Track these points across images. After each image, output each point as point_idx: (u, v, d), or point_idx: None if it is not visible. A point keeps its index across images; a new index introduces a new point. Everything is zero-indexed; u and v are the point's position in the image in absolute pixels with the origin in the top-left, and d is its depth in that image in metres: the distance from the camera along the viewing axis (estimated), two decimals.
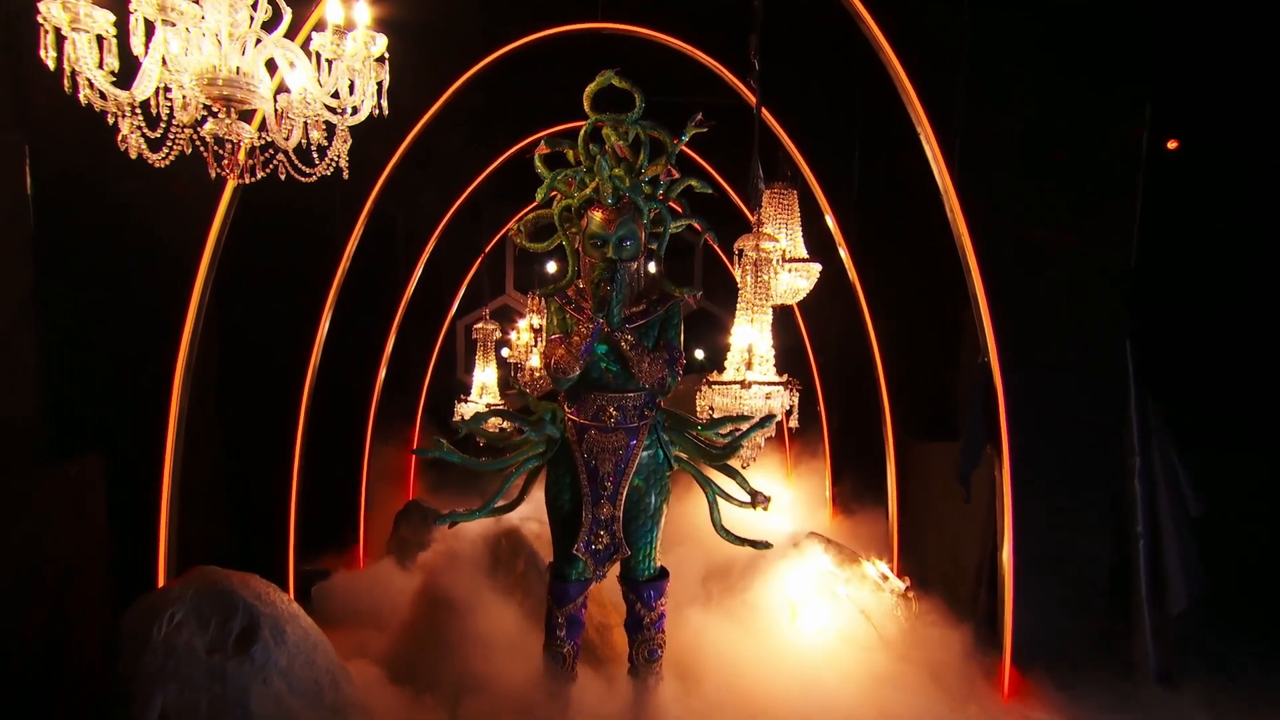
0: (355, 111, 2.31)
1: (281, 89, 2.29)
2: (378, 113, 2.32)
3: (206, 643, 3.26)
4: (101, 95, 2.09)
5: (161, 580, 3.71)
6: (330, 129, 2.35)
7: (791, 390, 3.96)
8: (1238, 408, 4.89)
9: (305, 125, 2.31)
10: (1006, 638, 4.33)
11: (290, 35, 2.30)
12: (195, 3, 2.09)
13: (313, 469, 5.63)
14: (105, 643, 3.25)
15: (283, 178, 2.40)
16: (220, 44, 2.15)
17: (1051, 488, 4.39)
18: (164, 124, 2.23)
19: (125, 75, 2.13)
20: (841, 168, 5.66)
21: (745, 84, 4.88)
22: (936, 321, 5.41)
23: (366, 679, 3.95)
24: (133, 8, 2.09)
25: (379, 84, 2.30)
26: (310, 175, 2.41)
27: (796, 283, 4.89)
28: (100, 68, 2.09)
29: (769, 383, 3.91)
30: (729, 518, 3.84)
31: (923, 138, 4.18)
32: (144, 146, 2.24)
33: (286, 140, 2.33)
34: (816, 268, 4.86)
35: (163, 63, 2.13)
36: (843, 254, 5.61)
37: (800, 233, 4.91)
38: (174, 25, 2.11)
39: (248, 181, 2.39)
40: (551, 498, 3.74)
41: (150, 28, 2.11)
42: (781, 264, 4.69)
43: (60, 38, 2.02)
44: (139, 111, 2.20)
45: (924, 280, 5.38)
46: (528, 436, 3.62)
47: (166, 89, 2.19)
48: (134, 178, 2.30)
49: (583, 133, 3.52)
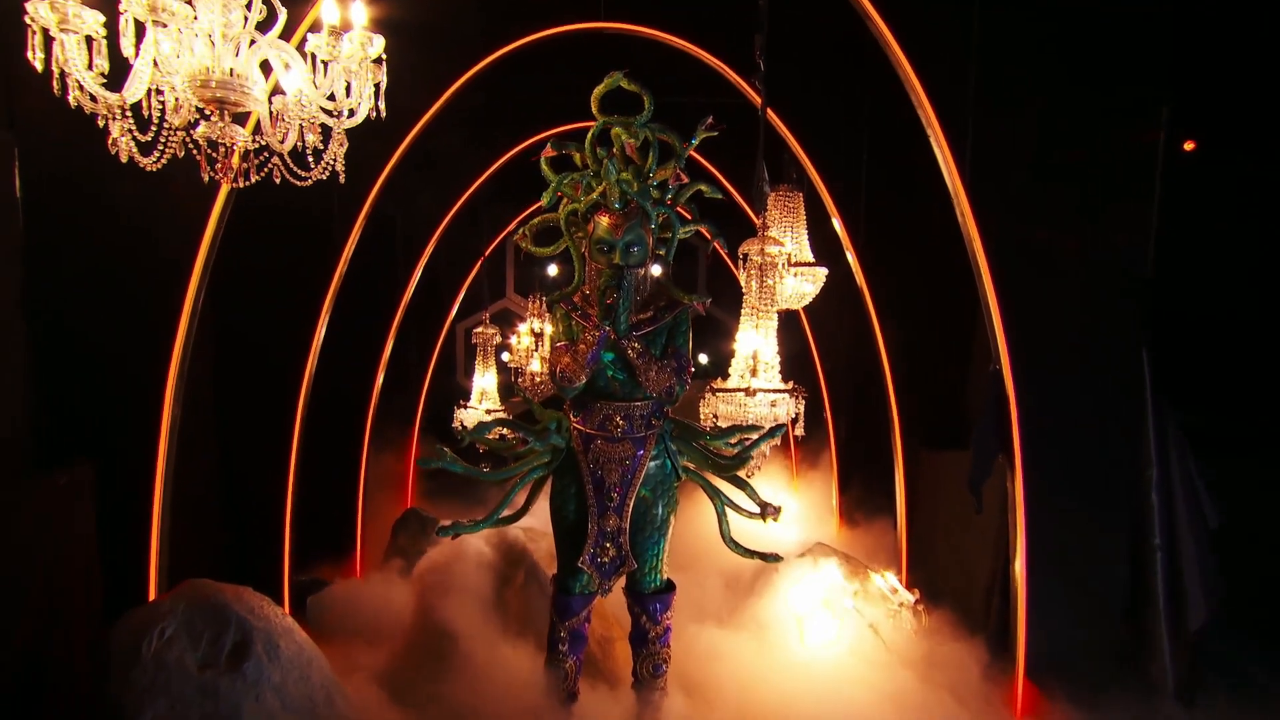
0: (352, 114, 2.29)
1: (276, 91, 2.25)
2: (375, 115, 2.30)
3: (198, 658, 3.22)
4: (92, 98, 2.06)
5: (152, 593, 3.66)
6: (326, 132, 2.32)
7: (797, 398, 3.91)
8: (1258, 416, 4.84)
9: (301, 128, 2.28)
10: (1019, 652, 4.28)
11: (286, 36, 2.27)
12: (187, 3, 2.05)
13: (309, 476, 5.58)
14: (94, 658, 3.21)
15: (278, 181, 2.37)
16: (213, 45, 2.11)
17: (1065, 499, 4.35)
18: (155, 127, 2.20)
19: (116, 77, 2.09)
20: (848, 170, 5.64)
21: (750, 84, 4.85)
22: (946, 327, 5.36)
23: (362, 696, 3.90)
24: (123, 8, 2.06)
25: (376, 86, 2.27)
26: (306, 179, 2.39)
27: (802, 287, 4.84)
28: (90, 69, 2.05)
29: (774, 390, 3.87)
30: (737, 530, 3.79)
31: (932, 139, 4.14)
32: (134, 150, 2.21)
33: (282, 143, 2.30)
34: (823, 272, 4.81)
35: (154, 64, 2.10)
36: (850, 258, 5.57)
37: (806, 236, 4.87)
38: (165, 26, 2.08)
39: (241, 185, 2.35)
40: (556, 509, 3.70)
41: (141, 29, 2.08)
42: (787, 268, 4.66)
43: (49, 39, 1.99)
44: (129, 114, 2.17)
45: (934, 285, 5.35)
46: (532, 446, 3.58)
47: (159, 91, 2.16)
48: (126, 180, 2.27)
49: (590, 135, 3.49)
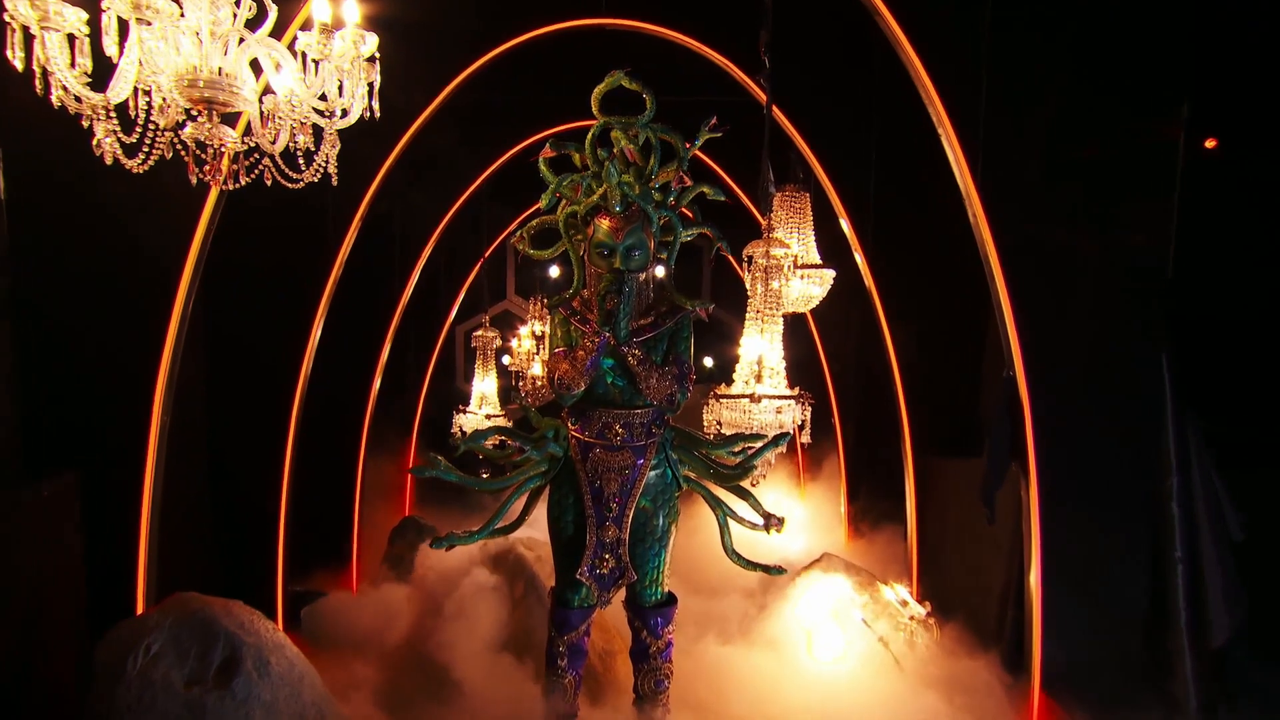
0: (345, 114, 2.26)
1: (267, 90, 2.22)
2: (369, 115, 2.27)
3: (185, 675, 3.18)
4: (76, 98, 2.03)
5: (140, 607, 3.63)
6: (319, 132, 2.29)
7: (804, 404, 3.87)
8: None
9: (292, 129, 2.25)
10: (1035, 667, 4.22)
11: (278, 34, 2.24)
12: (174, 0, 2.02)
13: (304, 484, 5.56)
14: (77, 675, 3.17)
15: (269, 183, 2.34)
16: (201, 43, 2.09)
17: (1082, 509, 4.29)
18: (140, 128, 2.17)
19: (104, 75, 2.06)
20: (856, 169, 5.59)
21: (755, 82, 4.82)
22: (958, 330, 5.31)
23: (356, 713, 3.86)
24: (105, 5, 2.04)
25: (370, 85, 2.24)
26: (298, 181, 2.36)
27: (809, 289, 4.83)
28: (73, 68, 2.02)
29: (780, 396, 3.84)
30: (740, 540, 3.75)
31: (943, 137, 4.09)
32: (119, 151, 2.18)
33: (273, 144, 2.27)
34: (830, 274, 4.79)
35: (140, 63, 2.07)
36: (858, 259, 5.53)
37: (813, 237, 4.85)
38: (150, 24, 2.05)
39: (231, 188, 2.33)
40: (554, 519, 3.66)
41: (125, 27, 2.05)
42: (793, 270, 4.63)
43: (29, 36, 1.96)
44: (114, 115, 2.14)
45: (944, 287, 5.29)
46: (529, 455, 3.54)
47: (146, 91, 2.13)
48: (114, 180, 2.25)
49: (590, 135, 3.46)
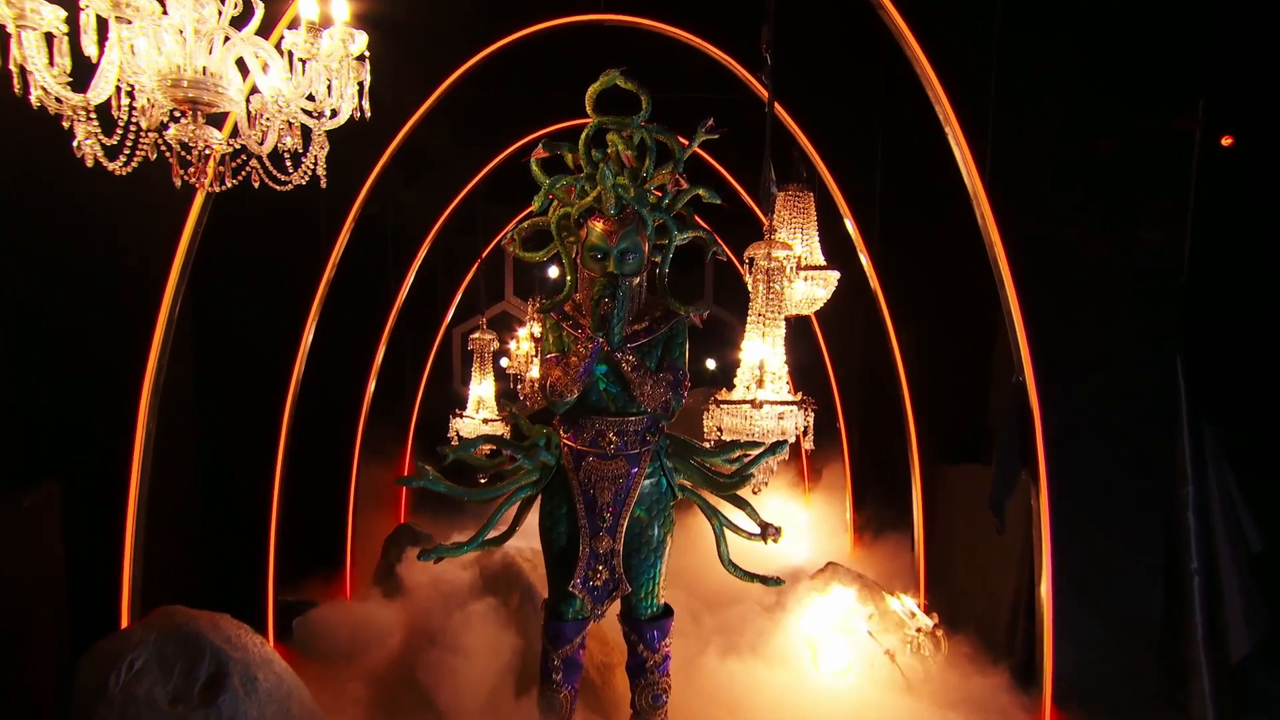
0: (335, 114, 2.25)
1: (255, 90, 2.21)
2: (359, 115, 2.25)
3: (169, 692, 3.16)
4: (57, 99, 2.02)
5: (125, 620, 3.62)
6: (307, 133, 2.28)
7: (806, 410, 3.84)
8: None
9: (280, 130, 2.24)
10: (1046, 681, 4.19)
11: (265, 32, 2.22)
12: None
13: (296, 491, 5.54)
14: (58, 692, 3.16)
15: (256, 185, 2.33)
16: (185, 42, 2.07)
17: (1094, 518, 4.25)
18: (121, 129, 2.16)
19: (88, 75, 2.03)
20: (861, 167, 5.56)
21: (757, 79, 4.79)
22: (966, 334, 5.28)
23: None
24: (83, 3, 2.02)
25: (360, 84, 2.23)
26: (286, 184, 2.35)
27: (814, 291, 4.80)
28: (52, 67, 2.01)
29: (782, 402, 3.80)
30: (739, 550, 3.71)
31: (950, 136, 4.05)
32: (100, 153, 2.16)
33: (260, 145, 2.26)
34: (835, 275, 4.76)
35: (121, 64, 2.05)
36: (863, 260, 5.50)
37: (817, 238, 4.82)
38: (129, 23, 2.03)
39: (218, 190, 2.32)
40: (546, 530, 3.63)
41: (106, 26, 2.03)
42: (796, 272, 4.60)
43: (5, 35, 1.95)
44: (94, 116, 2.13)
45: (952, 289, 5.26)
46: (520, 464, 3.51)
47: (130, 91, 2.12)
48: (97, 180, 2.25)
49: (584, 136, 3.43)
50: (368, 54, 2.18)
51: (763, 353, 3.94)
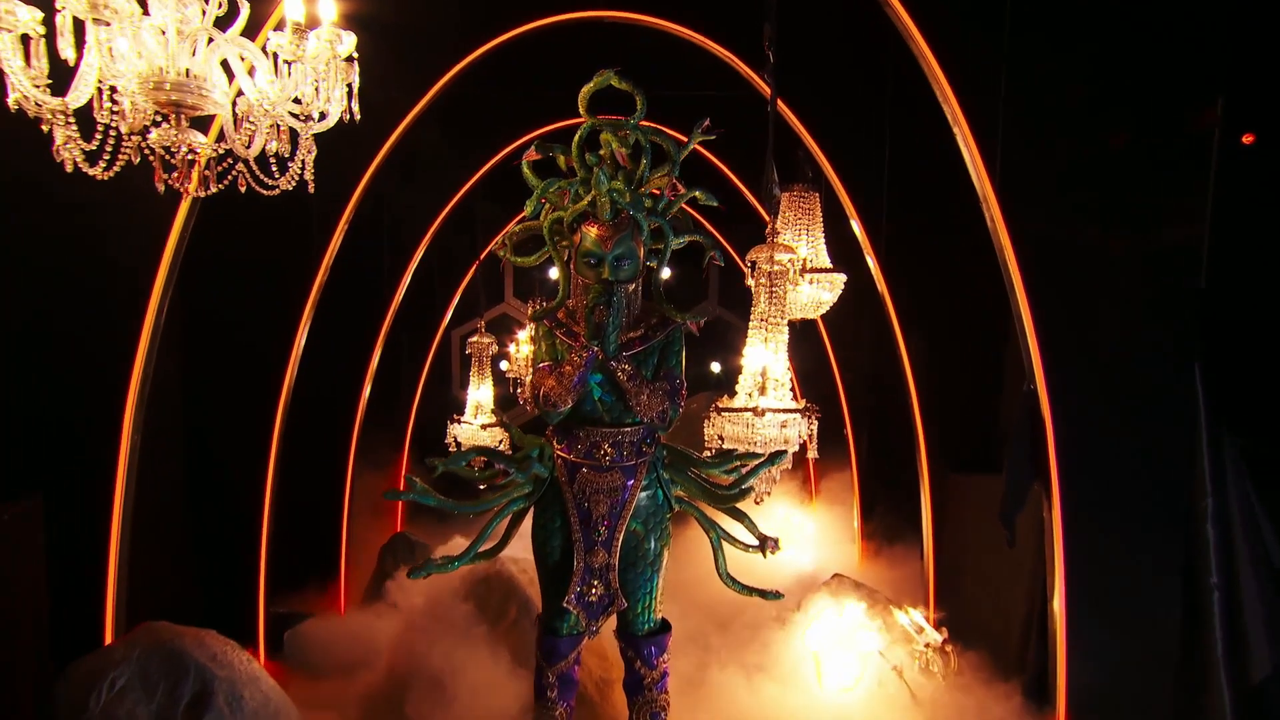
0: (324, 117, 2.23)
1: (242, 92, 2.19)
2: (349, 117, 2.23)
3: (152, 711, 3.15)
4: (37, 102, 2.01)
5: (108, 636, 3.61)
6: (296, 136, 2.26)
7: (810, 418, 3.81)
8: None
9: (268, 132, 2.22)
10: (1060, 700, 4.15)
11: (252, 33, 2.21)
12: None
13: (288, 499, 5.54)
14: (37, 712, 3.14)
15: (243, 190, 2.32)
16: (167, 43, 2.06)
17: (1110, 531, 4.21)
18: (101, 133, 2.15)
19: (69, 76, 2.02)
20: (868, 168, 5.52)
21: (760, 76, 4.75)
22: (976, 339, 5.23)
23: None
24: (59, 5, 2.01)
25: (349, 86, 2.21)
26: (273, 188, 2.33)
27: (819, 295, 4.78)
28: (30, 69, 2.00)
29: (784, 410, 3.78)
30: (739, 564, 3.67)
31: (958, 136, 4.01)
32: (79, 158, 2.16)
33: (247, 149, 2.24)
34: (841, 278, 4.73)
35: (101, 66, 2.04)
36: (870, 263, 5.47)
37: (823, 240, 4.79)
38: (107, 24, 2.02)
39: (203, 195, 2.31)
40: (539, 544, 3.60)
41: (84, 28, 2.02)
42: (802, 275, 4.57)
43: None
44: (73, 121, 2.12)
45: (962, 292, 5.22)
46: (513, 477, 3.48)
47: (113, 92, 2.10)
48: (82, 183, 2.24)
49: (577, 138, 3.39)
50: (356, 55, 2.17)
51: (765, 359, 3.91)
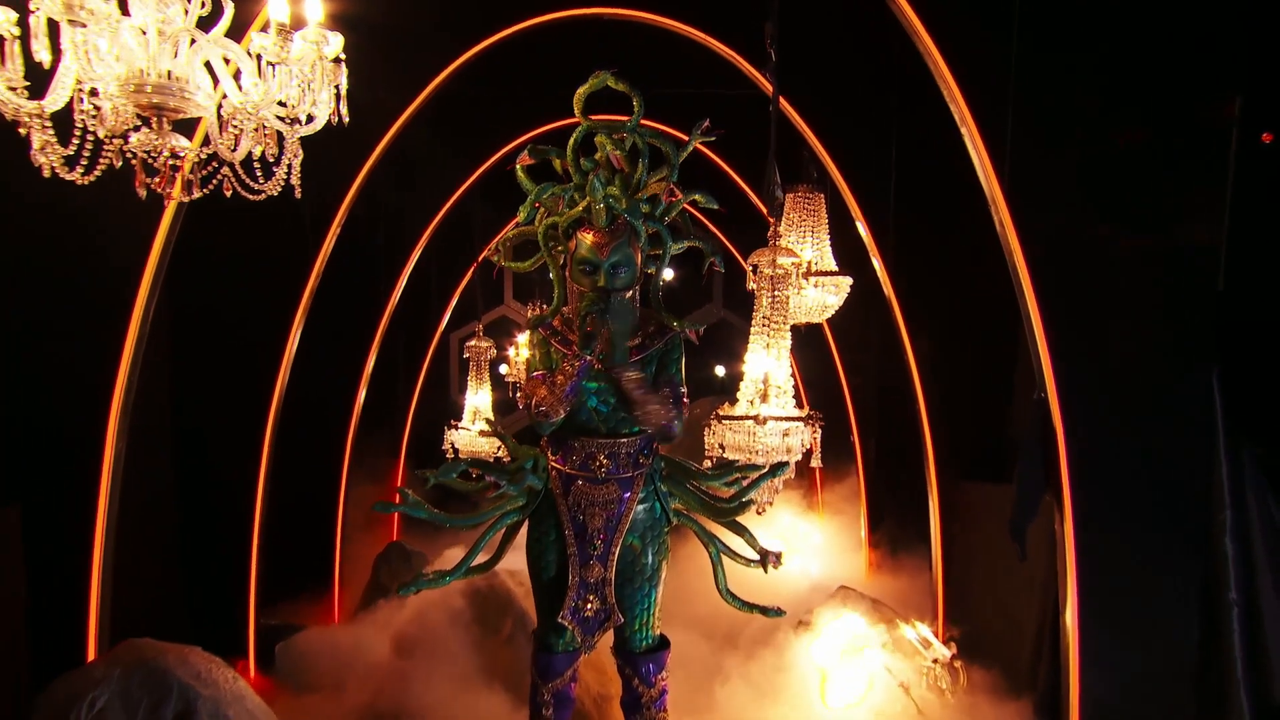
0: (311, 120, 2.20)
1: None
2: (337, 120, 2.21)
3: None
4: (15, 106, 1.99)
5: (91, 652, 3.58)
6: (284, 139, 2.24)
7: (813, 426, 3.77)
8: None
9: (254, 135, 2.20)
10: (1072, 718, 4.09)
11: (238, 34, 2.18)
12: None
13: (280, 507, 5.51)
14: None
15: (229, 194, 2.30)
16: (148, 44, 2.03)
17: (1124, 544, 4.16)
18: (78, 137, 2.13)
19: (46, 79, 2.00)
20: (874, 168, 5.49)
21: (762, 74, 4.72)
22: (986, 343, 5.19)
23: None
24: (34, 6, 1.98)
25: (336, 88, 2.18)
26: (259, 193, 2.31)
27: (825, 298, 4.75)
28: (4, 70, 1.98)
29: (787, 418, 3.74)
30: (743, 578, 3.63)
31: (966, 135, 3.96)
32: (56, 163, 2.13)
33: (233, 152, 2.22)
34: (847, 281, 4.70)
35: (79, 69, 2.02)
36: (877, 265, 5.44)
37: (829, 242, 4.76)
38: (83, 26, 2.00)
39: (187, 200, 2.28)
40: (533, 558, 3.56)
41: (57, 29, 2.00)
42: (807, 278, 4.54)
43: None
44: (49, 125, 2.09)
45: (971, 296, 5.18)
46: (505, 490, 3.44)
47: (94, 95, 2.08)
48: (64, 184, 2.22)
49: (572, 141, 3.35)
50: (344, 57, 2.14)
51: (767, 365, 3.87)
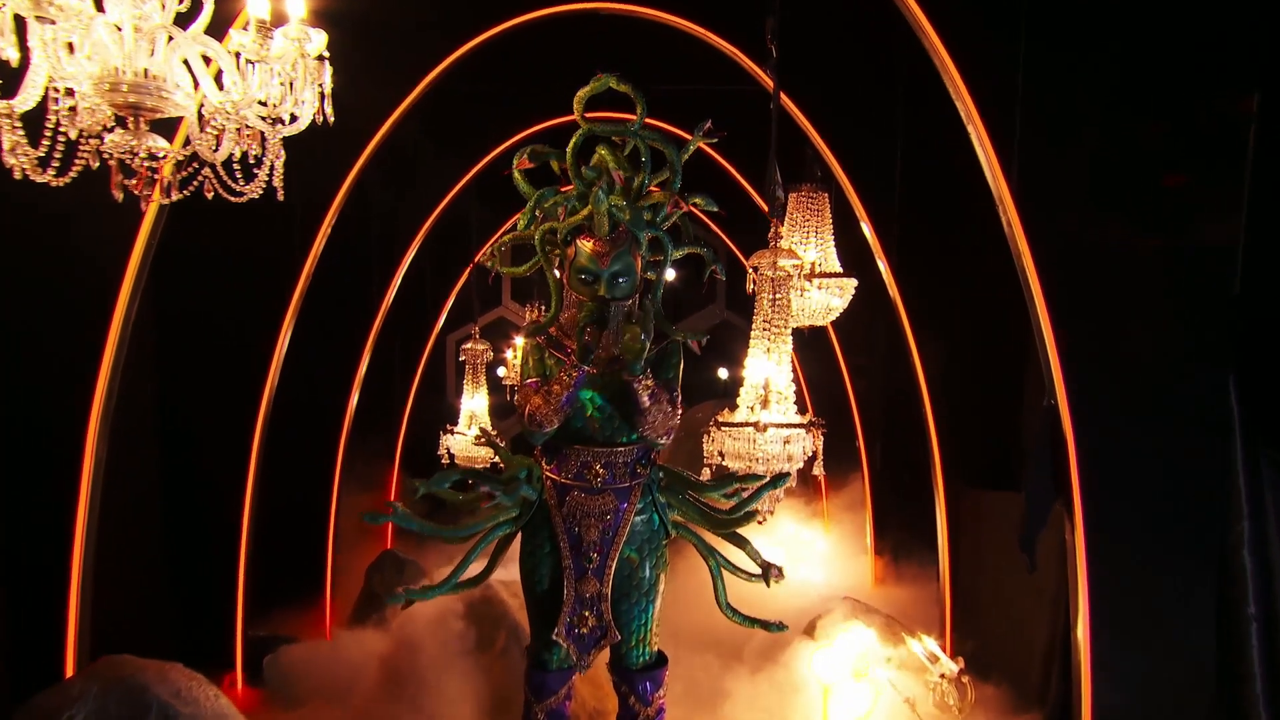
0: (294, 119, 2.17)
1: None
2: (321, 120, 2.18)
3: None
4: None
5: (70, 667, 3.54)
6: (266, 140, 2.21)
7: (815, 433, 3.72)
8: None
9: (236, 135, 2.18)
10: None
11: (219, 32, 2.15)
12: None
13: (270, 514, 5.48)
14: None
15: (210, 196, 2.27)
16: (124, 41, 2.00)
17: (1137, 555, 4.13)
18: (49, 137, 2.10)
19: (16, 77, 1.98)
20: (879, 167, 5.46)
21: (763, 70, 4.69)
22: (994, 347, 5.16)
23: None
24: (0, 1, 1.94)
25: (320, 87, 2.16)
26: (241, 195, 2.28)
27: (829, 300, 4.73)
28: None
29: (788, 425, 3.70)
30: (741, 592, 3.59)
31: (972, 134, 3.93)
32: (27, 165, 2.10)
33: (214, 152, 2.19)
34: (852, 283, 4.67)
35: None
36: (881, 267, 5.42)
37: (832, 243, 4.73)
38: (52, 23, 1.96)
39: (165, 202, 2.25)
40: (527, 571, 3.54)
41: (24, 26, 1.97)
42: (811, 280, 4.51)
43: None
44: (19, 126, 2.06)
45: (978, 298, 5.14)
46: (499, 501, 3.41)
47: (69, 94, 2.05)
48: (43, 184, 2.20)
49: (572, 145, 3.32)
50: (328, 54, 2.12)
51: (768, 370, 3.83)
